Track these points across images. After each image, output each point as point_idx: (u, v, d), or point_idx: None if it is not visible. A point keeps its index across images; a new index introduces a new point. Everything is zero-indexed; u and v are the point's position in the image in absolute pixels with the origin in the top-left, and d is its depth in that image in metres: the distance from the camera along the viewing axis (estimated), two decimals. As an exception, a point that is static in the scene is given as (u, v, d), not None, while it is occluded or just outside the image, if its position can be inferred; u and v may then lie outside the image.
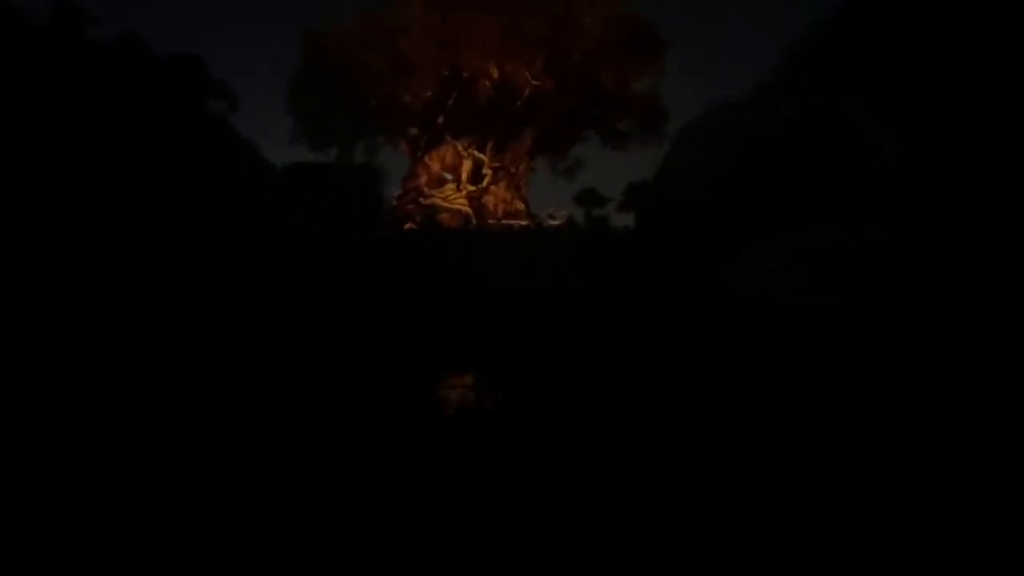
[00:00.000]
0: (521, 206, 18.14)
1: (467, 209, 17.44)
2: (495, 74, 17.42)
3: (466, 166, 17.94)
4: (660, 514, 3.08)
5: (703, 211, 4.06)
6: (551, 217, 16.57)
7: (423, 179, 17.98)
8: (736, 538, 2.49)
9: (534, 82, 17.21)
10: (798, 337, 2.70)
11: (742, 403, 2.63)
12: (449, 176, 17.90)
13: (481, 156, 17.96)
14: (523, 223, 16.44)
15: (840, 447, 2.44)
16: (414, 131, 18.11)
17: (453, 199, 17.67)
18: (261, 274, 7.12)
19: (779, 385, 2.60)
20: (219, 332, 6.18)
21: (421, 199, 17.67)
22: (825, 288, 2.79)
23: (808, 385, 2.52)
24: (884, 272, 2.84)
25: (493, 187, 18.00)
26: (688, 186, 4.27)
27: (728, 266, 3.30)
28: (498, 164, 18.06)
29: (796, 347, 2.67)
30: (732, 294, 3.12)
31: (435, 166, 18.07)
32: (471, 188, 17.83)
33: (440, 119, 17.81)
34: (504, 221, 16.76)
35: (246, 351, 6.28)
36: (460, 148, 17.93)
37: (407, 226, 15.70)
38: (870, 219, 3.30)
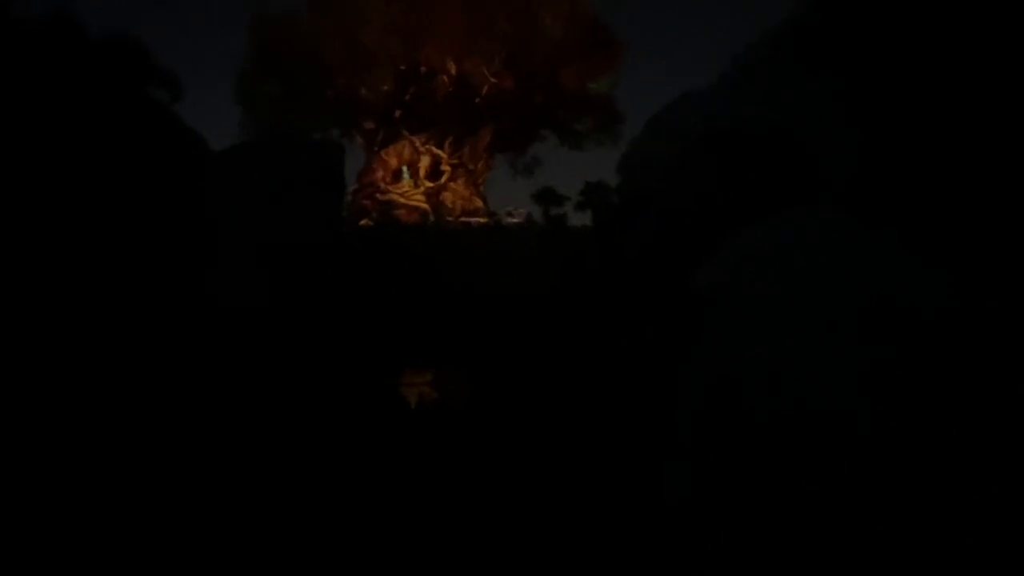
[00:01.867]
0: (480, 203, 18.02)
1: (425, 206, 17.20)
2: (454, 70, 17.24)
3: (424, 162, 17.69)
4: (630, 511, 3.06)
5: (666, 204, 4.02)
6: (510, 215, 16.53)
7: (379, 174, 17.63)
8: (698, 536, 2.47)
9: (492, 79, 17.12)
10: (763, 335, 2.70)
11: (706, 402, 2.62)
12: (407, 173, 17.62)
13: (439, 152, 17.74)
14: (482, 220, 16.33)
15: (808, 445, 2.42)
16: (370, 125, 17.72)
17: (410, 195, 17.40)
18: (229, 274, 6.81)
19: (744, 384, 2.59)
20: (192, 329, 5.92)
21: (378, 195, 17.31)
22: (790, 284, 2.80)
23: (773, 383, 2.51)
24: (852, 266, 2.84)
25: (451, 184, 17.81)
26: (652, 178, 4.22)
27: (692, 262, 3.27)
28: (456, 161, 17.88)
29: (761, 345, 2.66)
30: (695, 292, 3.10)
31: (392, 161, 17.74)
32: (429, 184, 17.60)
33: (397, 113, 17.49)
34: (463, 218, 16.60)
35: (221, 347, 6.04)
36: (418, 144, 17.66)
37: (363, 222, 15.34)
38: (833, 211, 3.33)
